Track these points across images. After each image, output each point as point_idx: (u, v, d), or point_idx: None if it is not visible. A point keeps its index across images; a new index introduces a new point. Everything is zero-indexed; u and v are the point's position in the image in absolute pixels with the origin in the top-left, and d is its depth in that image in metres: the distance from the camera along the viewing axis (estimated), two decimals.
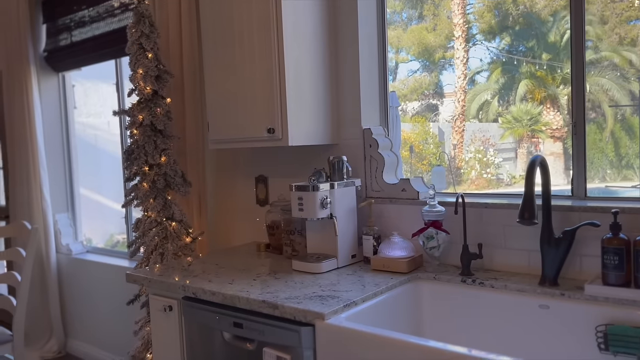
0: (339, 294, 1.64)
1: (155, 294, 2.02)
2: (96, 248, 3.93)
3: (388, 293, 1.71)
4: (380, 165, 2.11)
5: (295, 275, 1.90)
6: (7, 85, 3.90)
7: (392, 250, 1.88)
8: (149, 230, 2.45)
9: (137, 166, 2.45)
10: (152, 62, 2.40)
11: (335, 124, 2.24)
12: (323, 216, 1.93)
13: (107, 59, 3.46)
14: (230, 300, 1.71)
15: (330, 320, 1.47)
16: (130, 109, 2.46)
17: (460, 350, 1.23)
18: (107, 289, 3.53)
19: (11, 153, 3.91)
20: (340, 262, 1.96)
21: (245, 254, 2.36)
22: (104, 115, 4.25)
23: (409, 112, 3.27)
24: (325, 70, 2.19)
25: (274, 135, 2.04)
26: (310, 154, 2.37)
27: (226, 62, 2.19)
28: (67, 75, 4.01)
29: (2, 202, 4.51)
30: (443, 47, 3.19)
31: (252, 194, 2.67)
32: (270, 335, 1.61)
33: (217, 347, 1.79)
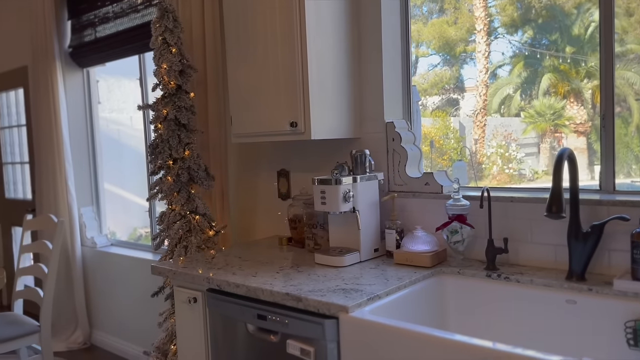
0: (362, 288, 1.64)
1: (180, 285, 2.05)
2: (120, 241, 3.99)
3: (412, 287, 1.70)
4: (403, 159, 2.10)
5: (318, 268, 1.91)
6: (34, 81, 3.97)
7: (415, 244, 1.87)
8: (173, 223, 2.48)
9: (161, 160, 2.48)
10: (176, 57, 2.42)
11: (358, 117, 2.24)
12: (345, 210, 1.93)
13: (131, 54, 3.50)
14: (254, 293, 1.72)
15: (354, 313, 1.48)
16: (155, 104, 2.48)
17: (485, 344, 1.22)
18: (130, 281, 3.58)
19: (37, 147, 3.98)
20: (363, 255, 1.96)
21: (268, 247, 2.37)
22: (127, 111, 4.30)
23: (429, 106, 3.24)
24: (348, 63, 2.19)
25: (297, 129, 2.05)
26: (332, 147, 2.37)
27: (249, 56, 2.20)
28: (91, 70, 4.07)
29: (28, 196, 4.61)
30: (464, 40, 3.15)
31: (274, 188, 2.68)
32: (294, 327, 1.61)
33: (240, 339, 1.80)
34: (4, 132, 4.86)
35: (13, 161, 4.83)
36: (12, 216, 4.80)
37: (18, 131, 4.71)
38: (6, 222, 4.89)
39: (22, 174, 4.74)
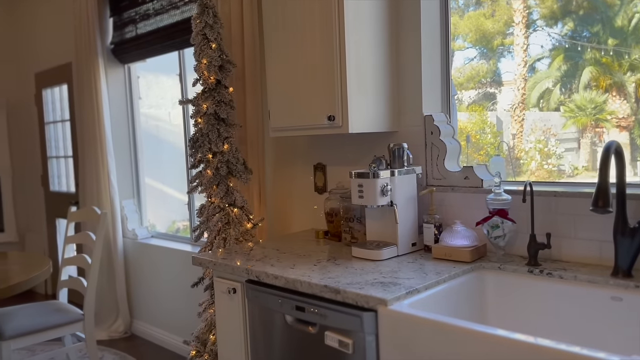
0: (400, 281, 1.63)
1: (219, 276, 2.09)
2: (160, 233, 4.09)
3: (451, 282, 1.69)
4: (441, 153, 2.08)
5: (355, 261, 1.91)
6: (77, 77, 4.10)
7: (454, 239, 1.85)
8: (213, 215, 2.53)
9: (201, 154, 2.53)
10: (216, 52, 2.46)
11: (396, 110, 2.23)
12: (383, 204, 1.93)
13: (171, 50, 3.57)
14: (292, 284, 1.74)
15: (393, 306, 1.47)
16: (195, 98, 2.53)
17: (528, 340, 1.20)
18: (170, 272, 3.67)
19: (81, 142, 4.11)
20: (401, 250, 1.96)
21: (304, 240, 2.39)
22: (165, 107, 4.39)
23: (465, 101, 3.19)
24: (386, 56, 2.18)
25: (334, 123, 2.05)
26: (369, 141, 2.37)
27: (287, 50, 2.21)
28: (132, 66, 4.17)
29: (72, 189, 4.77)
30: (502, 33, 3.09)
31: (310, 182, 2.69)
32: (332, 319, 1.62)
33: (279, 330, 1.83)
34: (49, 127, 5.04)
35: (57, 155, 5.00)
36: (56, 208, 4.98)
37: (62, 126, 4.87)
38: (51, 214, 5.08)
39: (65, 167, 4.90)
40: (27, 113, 5.31)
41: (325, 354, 1.67)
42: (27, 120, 5.33)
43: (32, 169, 5.34)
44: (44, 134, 5.07)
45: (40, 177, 5.21)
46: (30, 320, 2.93)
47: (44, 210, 5.19)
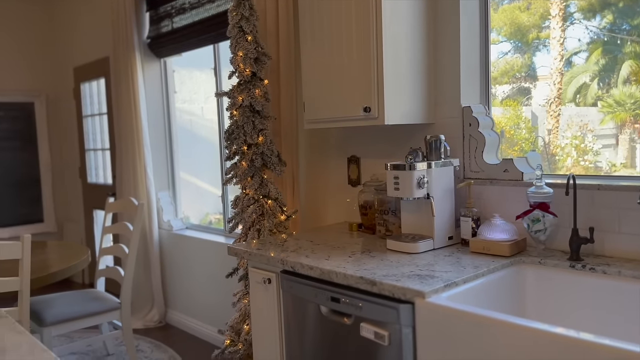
0: (437, 274, 1.61)
1: (254, 267, 2.10)
2: (194, 225, 4.15)
3: (490, 276, 1.66)
4: (480, 145, 2.04)
5: (390, 254, 1.90)
6: (115, 71, 4.18)
7: (493, 233, 1.81)
8: (247, 207, 2.55)
9: (236, 145, 2.55)
10: (252, 45, 2.47)
11: (432, 102, 2.19)
12: (419, 196, 1.90)
13: (206, 44, 3.60)
14: (327, 275, 1.74)
15: (431, 299, 1.46)
16: (231, 91, 2.54)
17: (570, 334, 1.17)
18: (203, 263, 3.72)
19: (118, 134, 4.20)
20: (437, 243, 1.93)
21: (338, 232, 2.38)
22: (198, 102, 4.44)
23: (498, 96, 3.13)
24: (423, 47, 2.15)
25: (370, 114, 2.04)
26: (404, 133, 2.34)
27: (323, 41, 2.21)
28: (168, 60, 4.23)
29: (109, 181, 4.88)
30: (537, 27, 3.01)
31: (344, 174, 2.69)
32: (368, 311, 1.62)
33: (313, 320, 1.83)
34: (87, 120, 5.16)
35: (95, 147, 5.12)
36: (93, 200, 5.10)
37: (100, 119, 4.98)
38: (88, 205, 5.21)
39: (103, 160, 5.01)
40: (65, 107, 5.45)
41: (360, 345, 1.66)
42: (65, 113, 5.47)
43: (71, 162, 5.48)
44: (82, 127, 5.20)
45: (79, 169, 5.35)
46: (70, 308, 3.02)
47: (81, 202, 5.33)
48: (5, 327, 1.27)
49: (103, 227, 3.50)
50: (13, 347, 1.14)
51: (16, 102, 5.34)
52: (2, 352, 1.11)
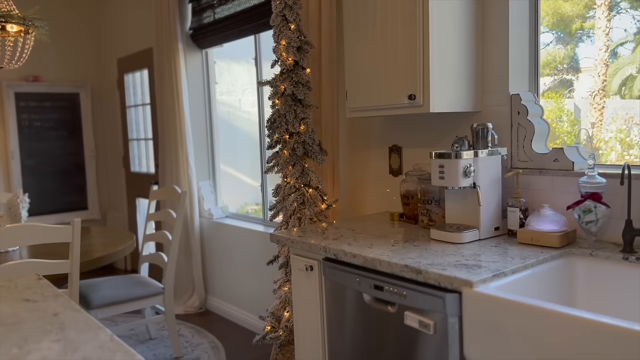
0: (484, 264, 1.59)
1: (296, 254, 2.11)
2: (233, 213, 4.20)
3: (538, 267, 1.62)
4: (529, 134, 1.99)
5: (434, 244, 1.87)
6: (158, 62, 4.26)
7: (542, 224, 1.77)
8: (288, 195, 2.56)
9: (278, 134, 2.56)
10: (295, 33, 2.47)
11: (479, 90, 2.15)
12: (465, 185, 1.87)
13: (248, 34, 3.63)
14: (371, 263, 1.73)
15: (479, 288, 1.43)
16: (273, 80, 2.56)
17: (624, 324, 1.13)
18: (243, 251, 3.77)
19: (161, 124, 4.28)
20: (483, 233, 1.90)
21: (378, 222, 2.37)
22: (235, 94, 4.49)
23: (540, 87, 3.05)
24: (471, 32, 2.10)
25: (415, 102, 2.01)
26: (448, 122, 2.30)
27: (367, 28, 2.19)
28: (209, 51, 4.28)
29: (151, 170, 4.99)
30: (581, 16, 2.91)
31: (385, 164, 2.67)
32: (412, 299, 1.60)
33: (356, 308, 1.83)
34: (130, 111, 5.28)
35: (138, 137, 5.24)
36: (136, 188, 5.24)
37: (143, 109, 5.09)
38: (131, 193, 5.35)
39: (145, 149, 5.13)
40: (110, 97, 5.60)
41: (403, 334, 1.65)
42: (109, 104, 5.62)
43: (114, 151, 5.63)
44: (125, 117, 5.33)
45: (122, 159, 5.49)
46: (115, 292, 3.11)
47: (124, 190, 5.48)
48: (62, 304, 1.32)
49: (147, 214, 3.58)
50: (71, 324, 1.18)
51: (63, 92, 5.51)
52: (62, 328, 1.16)
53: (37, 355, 1.01)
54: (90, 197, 5.75)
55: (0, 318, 1.24)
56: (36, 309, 1.30)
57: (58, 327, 1.16)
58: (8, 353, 1.03)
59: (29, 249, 2.98)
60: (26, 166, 5.33)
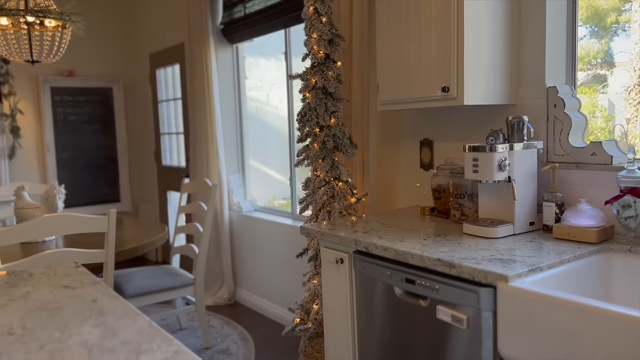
0: (519, 259, 1.56)
1: (326, 247, 2.12)
2: (262, 207, 4.23)
3: (575, 262, 1.58)
4: (566, 127, 1.94)
5: (467, 238, 1.85)
6: (189, 57, 4.31)
7: (578, 219, 1.73)
8: (318, 189, 2.57)
9: (308, 127, 2.56)
10: (326, 26, 2.47)
11: (514, 82, 2.11)
12: (500, 179, 1.84)
13: (278, 28, 3.64)
14: (402, 257, 1.72)
15: (515, 283, 1.41)
16: (304, 73, 2.56)
17: None
18: (271, 244, 3.80)
19: (192, 119, 4.34)
20: (517, 228, 1.86)
21: (409, 216, 2.36)
22: (263, 89, 4.51)
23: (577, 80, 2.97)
24: (507, 23, 2.06)
25: (448, 94, 1.98)
26: (482, 115, 2.27)
27: (400, 20, 2.17)
28: (240, 46, 4.31)
29: (182, 164, 5.07)
30: (617, 10, 2.82)
31: (415, 158, 2.64)
32: (445, 293, 1.59)
33: (386, 301, 1.82)
34: (162, 105, 5.37)
35: (169, 132, 5.32)
36: (167, 181, 5.32)
37: (174, 104, 5.17)
38: (162, 186, 5.44)
39: (177, 143, 5.21)
40: (142, 92, 5.70)
41: (434, 328, 1.64)
42: (142, 98, 5.72)
43: (146, 145, 5.74)
44: (157, 112, 5.42)
45: (154, 152, 5.58)
46: (148, 282, 3.17)
47: (156, 183, 5.57)
48: (100, 291, 1.35)
49: (179, 206, 3.64)
50: (110, 310, 1.21)
51: (96, 87, 5.63)
52: (101, 314, 1.19)
53: (78, 339, 1.04)
54: (123, 190, 5.87)
55: (42, 303, 1.28)
56: (75, 295, 1.34)
57: (97, 312, 1.19)
58: (51, 337, 1.06)
59: (64, 239, 3.06)
60: (61, 159, 5.47)
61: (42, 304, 1.27)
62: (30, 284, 1.46)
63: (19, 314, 1.20)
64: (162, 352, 0.96)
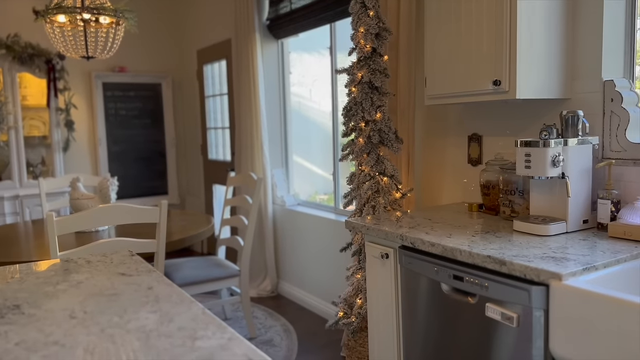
0: (573, 257, 1.51)
1: (371, 241, 2.12)
2: (305, 201, 4.26)
3: (632, 262, 1.53)
4: (623, 122, 1.87)
5: (518, 235, 1.81)
6: (236, 52, 4.38)
7: (636, 217, 1.66)
8: (363, 183, 2.56)
9: (354, 122, 2.56)
10: (373, 20, 2.45)
11: (569, 75, 2.04)
12: (553, 175, 1.79)
13: (323, 23, 3.64)
14: (450, 253, 1.70)
15: (568, 281, 1.37)
16: (351, 67, 2.56)
17: None
18: (314, 238, 3.82)
19: (237, 114, 4.41)
20: (570, 226, 1.81)
21: (456, 212, 2.32)
22: (306, 85, 4.53)
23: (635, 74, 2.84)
24: (561, 14, 2.00)
25: (500, 88, 1.94)
26: (534, 110, 2.21)
27: (450, 12, 2.13)
28: (285, 42, 4.34)
29: (227, 158, 5.16)
30: None
31: (463, 153, 2.60)
32: (494, 291, 1.56)
33: (432, 298, 1.81)
34: (209, 100, 5.47)
35: (215, 126, 5.42)
36: (213, 175, 5.43)
37: (220, 99, 5.26)
38: (208, 180, 5.55)
39: (222, 137, 5.30)
40: (189, 87, 5.83)
41: (483, 326, 1.62)
42: (189, 94, 5.85)
43: (193, 139, 5.87)
44: (204, 107, 5.53)
45: (200, 147, 5.70)
46: (195, 272, 3.25)
47: (202, 176, 5.70)
48: (156, 279, 1.40)
49: (224, 199, 3.71)
50: (165, 297, 1.25)
51: (146, 83, 5.79)
52: (157, 300, 1.23)
53: (137, 324, 1.08)
54: (170, 183, 6.02)
55: (100, 289, 1.34)
56: (132, 282, 1.39)
57: (153, 299, 1.24)
58: (110, 321, 1.11)
59: (116, 229, 3.17)
60: (112, 152, 5.66)
61: (100, 290, 1.33)
62: (88, 270, 1.53)
63: (79, 299, 1.26)
64: (216, 339, 0.99)
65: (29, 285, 1.40)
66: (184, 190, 6.14)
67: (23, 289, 1.36)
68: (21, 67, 4.82)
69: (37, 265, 1.61)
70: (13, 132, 4.82)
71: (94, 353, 0.95)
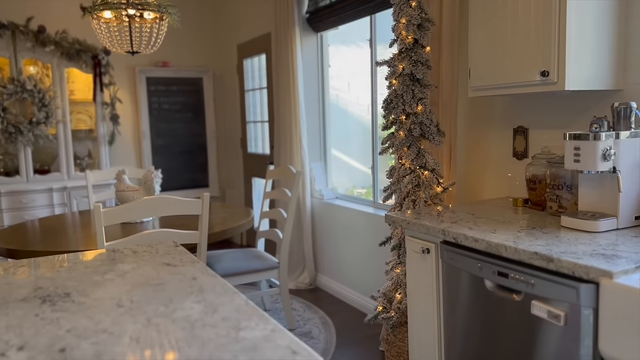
0: (625, 255, 1.45)
1: (411, 236, 2.09)
2: (343, 195, 4.25)
3: None
4: None
5: (565, 232, 1.75)
6: (275, 46, 4.40)
7: None
8: (403, 177, 2.53)
9: (394, 115, 2.53)
10: (416, 11, 2.41)
11: (621, 66, 1.95)
12: (603, 169, 1.72)
13: (363, 15, 3.61)
14: (495, 249, 1.66)
15: (620, 279, 1.32)
16: (392, 59, 2.53)
17: None
18: (352, 231, 3.81)
19: (277, 107, 4.43)
20: (621, 222, 1.74)
21: (500, 207, 2.27)
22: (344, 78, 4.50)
23: None
24: (613, 2, 1.91)
25: (548, 79, 1.88)
26: (583, 101, 2.13)
27: (495, 3, 2.07)
28: (324, 35, 4.33)
29: (266, 151, 5.20)
30: None
31: (507, 147, 2.53)
32: (540, 288, 1.52)
33: (475, 294, 1.77)
34: (248, 94, 5.52)
35: (255, 120, 5.47)
36: (252, 168, 5.49)
37: (260, 93, 5.30)
38: (248, 173, 5.61)
39: (262, 131, 5.35)
40: (230, 82, 5.89)
41: (528, 323, 1.58)
42: (229, 88, 5.92)
43: (233, 133, 5.94)
44: (244, 101, 5.58)
45: (240, 140, 5.77)
46: (235, 264, 3.30)
47: (242, 170, 5.77)
48: (199, 270, 1.42)
49: (264, 192, 3.74)
50: (209, 287, 1.27)
51: (188, 77, 5.89)
52: (201, 291, 1.25)
53: (182, 314, 1.10)
54: (211, 176, 6.12)
55: (147, 279, 1.37)
56: (176, 272, 1.42)
57: (197, 289, 1.26)
58: (156, 310, 1.13)
59: (160, 220, 3.25)
60: (155, 145, 5.79)
61: (146, 280, 1.36)
62: (134, 260, 1.56)
63: (126, 288, 1.29)
64: (260, 330, 0.99)
65: (77, 274, 1.44)
66: (224, 183, 6.23)
67: (72, 278, 1.40)
68: (69, 62, 4.98)
69: (84, 255, 1.66)
70: (61, 126, 5.00)
71: (139, 341, 0.97)
